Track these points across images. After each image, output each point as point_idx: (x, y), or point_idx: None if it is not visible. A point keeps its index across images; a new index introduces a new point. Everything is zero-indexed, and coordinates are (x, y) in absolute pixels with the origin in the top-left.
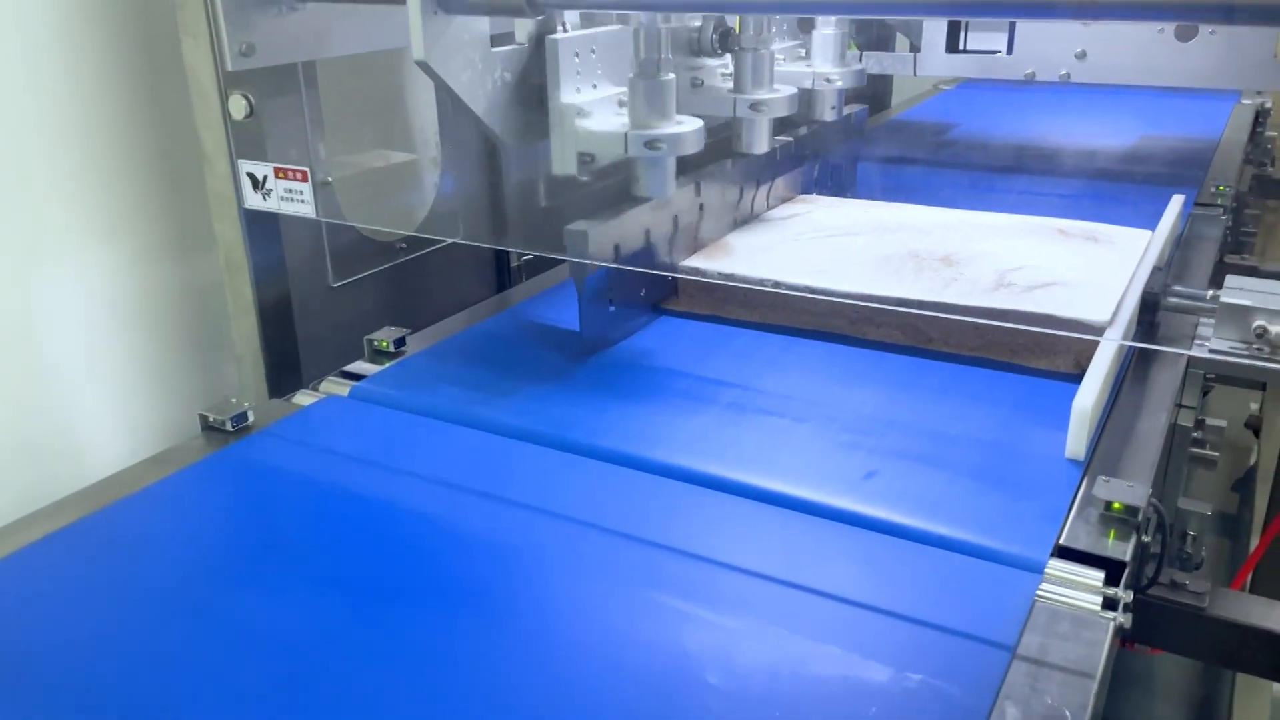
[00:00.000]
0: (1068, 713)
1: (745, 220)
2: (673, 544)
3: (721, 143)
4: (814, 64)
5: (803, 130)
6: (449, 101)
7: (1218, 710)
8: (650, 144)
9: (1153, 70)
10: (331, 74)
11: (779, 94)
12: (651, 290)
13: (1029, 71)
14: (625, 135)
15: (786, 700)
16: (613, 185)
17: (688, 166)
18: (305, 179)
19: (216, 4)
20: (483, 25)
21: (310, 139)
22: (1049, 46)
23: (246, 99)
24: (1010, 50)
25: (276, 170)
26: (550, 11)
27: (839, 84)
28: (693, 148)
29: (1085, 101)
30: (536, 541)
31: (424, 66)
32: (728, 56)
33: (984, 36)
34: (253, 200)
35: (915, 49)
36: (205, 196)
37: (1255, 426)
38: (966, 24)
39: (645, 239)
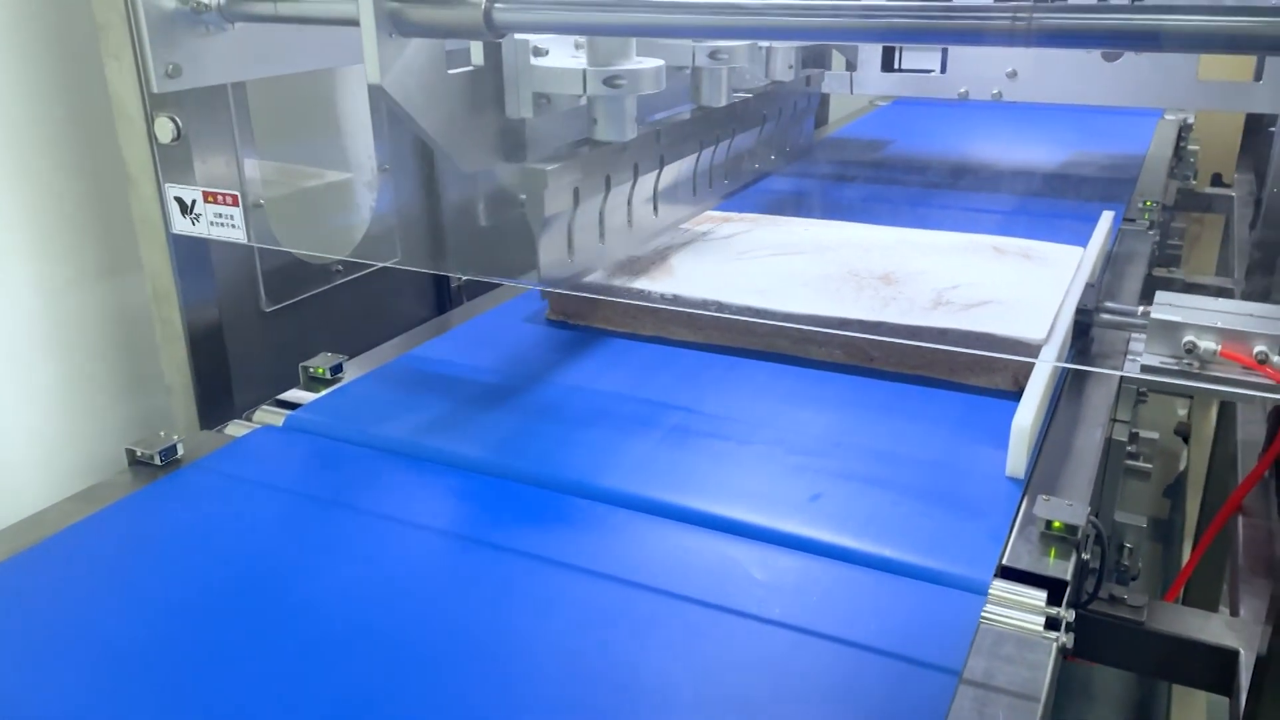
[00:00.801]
0: None
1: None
2: (616, 572)
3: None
4: None
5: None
6: (386, 121)
7: (1155, 715)
8: (609, 81)
9: (1081, 90)
10: (263, 93)
11: (738, 43)
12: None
13: (962, 90)
14: (583, 73)
15: None
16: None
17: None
18: (236, 203)
19: (141, 25)
20: (438, 48)
21: (241, 161)
22: (981, 66)
23: (173, 121)
24: (944, 70)
25: (206, 194)
26: (508, 33)
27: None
28: (652, 86)
29: (1017, 118)
30: (479, 573)
31: (379, 91)
32: None
33: (918, 56)
34: (181, 225)
35: (852, 68)
36: (131, 220)
37: (1184, 433)
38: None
39: (605, 185)
